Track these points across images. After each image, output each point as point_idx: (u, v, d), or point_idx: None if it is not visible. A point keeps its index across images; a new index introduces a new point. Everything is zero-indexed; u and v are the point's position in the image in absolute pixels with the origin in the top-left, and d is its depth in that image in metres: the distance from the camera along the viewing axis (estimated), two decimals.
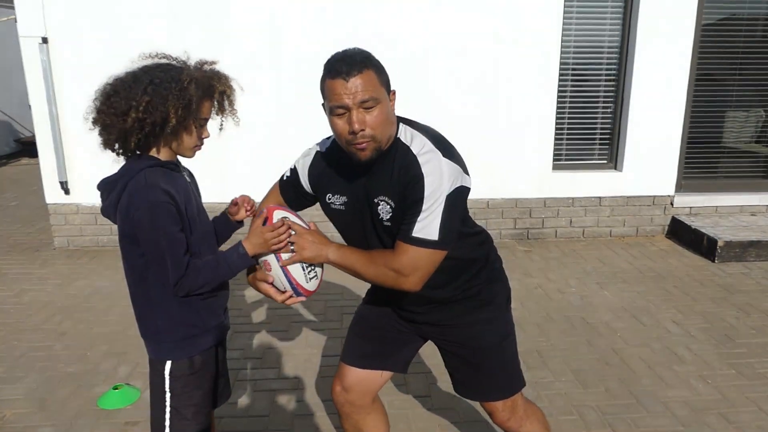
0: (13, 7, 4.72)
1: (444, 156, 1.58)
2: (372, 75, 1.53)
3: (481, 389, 1.90)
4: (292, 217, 1.76)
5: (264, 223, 1.72)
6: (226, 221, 1.91)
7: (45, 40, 4.64)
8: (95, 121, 1.60)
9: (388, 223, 1.66)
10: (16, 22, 4.71)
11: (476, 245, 1.85)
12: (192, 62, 1.67)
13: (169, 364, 1.69)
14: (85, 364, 3.19)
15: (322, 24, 4.75)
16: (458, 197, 1.59)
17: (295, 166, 1.91)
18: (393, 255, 1.61)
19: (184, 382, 1.70)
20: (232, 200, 1.93)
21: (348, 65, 1.51)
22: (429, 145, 1.61)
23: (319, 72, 1.63)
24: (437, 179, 1.56)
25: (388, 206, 1.65)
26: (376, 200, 1.67)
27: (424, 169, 1.57)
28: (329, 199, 1.80)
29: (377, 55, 1.63)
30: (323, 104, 1.63)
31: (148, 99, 1.52)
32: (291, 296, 1.75)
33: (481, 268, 1.85)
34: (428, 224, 1.56)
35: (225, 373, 1.94)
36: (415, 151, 1.61)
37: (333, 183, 1.78)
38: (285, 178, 1.94)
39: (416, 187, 1.56)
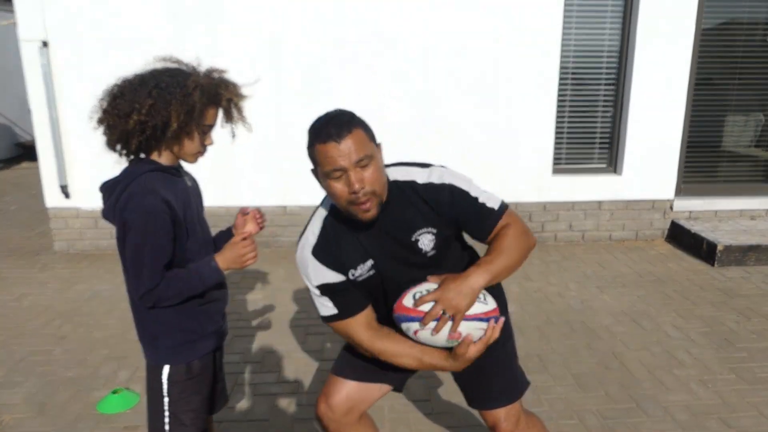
0: (13, 11, 4.73)
1: (440, 166, 1.71)
2: (361, 133, 1.53)
3: (490, 395, 1.86)
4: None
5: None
6: (228, 238, 1.87)
7: (45, 44, 4.65)
8: (100, 121, 1.61)
9: (433, 252, 1.66)
10: (16, 25, 4.72)
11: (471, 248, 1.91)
12: (202, 68, 1.67)
13: (167, 369, 1.69)
14: (84, 369, 3.18)
15: (322, 23, 4.75)
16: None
17: (320, 287, 1.69)
18: (512, 228, 1.67)
19: (182, 387, 1.70)
20: (241, 210, 1.86)
21: (337, 127, 1.50)
22: (418, 168, 1.70)
23: (320, 72, 1.63)
24: (458, 178, 1.68)
25: (431, 235, 1.66)
26: (413, 239, 1.65)
27: (445, 181, 1.66)
28: (353, 275, 1.68)
29: (376, 55, 1.64)
30: (314, 170, 1.59)
31: (151, 102, 1.53)
32: (493, 326, 1.59)
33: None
34: (489, 198, 1.69)
35: (222, 378, 1.94)
36: (420, 181, 1.67)
37: (350, 258, 1.68)
38: (339, 311, 1.70)
39: (455, 194, 1.65)
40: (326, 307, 1.68)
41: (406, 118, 4.97)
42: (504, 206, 1.70)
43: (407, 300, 1.57)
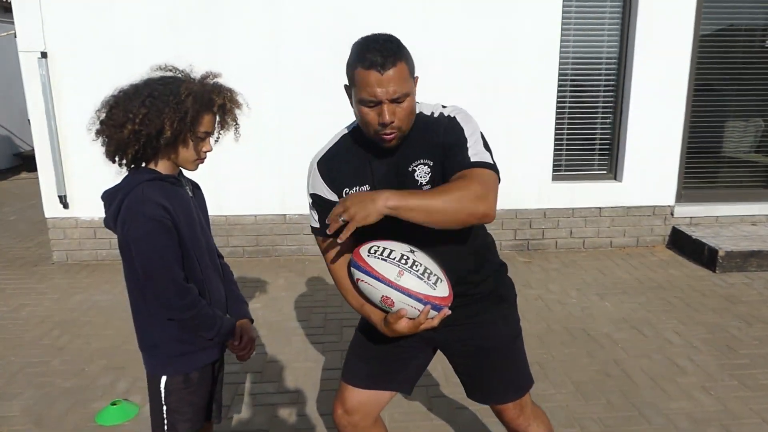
0: (12, 22, 4.75)
1: (459, 106, 1.69)
2: (404, 68, 1.51)
3: (497, 391, 1.86)
4: (368, 288, 1.58)
5: None
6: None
7: (44, 55, 4.66)
8: (98, 132, 1.61)
9: (428, 186, 1.62)
10: (15, 36, 4.74)
11: (486, 228, 1.88)
12: (197, 75, 1.67)
13: (164, 378, 1.69)
14: (82, 380, 3.16)
15: (321, 32, 4.76)
16: (485, 138, 1.65)
17: (313, 195, 1.74)
18: (466, 180, 1.51)
19: (179, 396, 1.70)
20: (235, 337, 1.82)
21: (383, 57, 1.47)
22: (436, 103, 1.71)
23: (318, 82, 1.64)
24: (465, 116, 1.64)
25: (427, 167, 1.62)
26: (410, 168, 1.63)
27: (449, 112, 1.64)
28: (347, 193, 1.68)
29: None
30: (348, 87, 1.60)
31: (145, 111, 1.54)
32: (428, 312, 1.53)
33: (495, 253, 1.89)
34: (479, 152, 1.59)
35: (220, 394, 1.91)
36: (428, 113, 1.67)
37: (348, 176, 1.69)
38: (320, 226, 1.72)
39: (453, 127, 1.61)
40: (313, 219, 1.75)
41: None
42: (483, 164, 1.56)
43: (363, 249, 1.57)
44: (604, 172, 5.42)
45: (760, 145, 5.59)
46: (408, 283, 1.51)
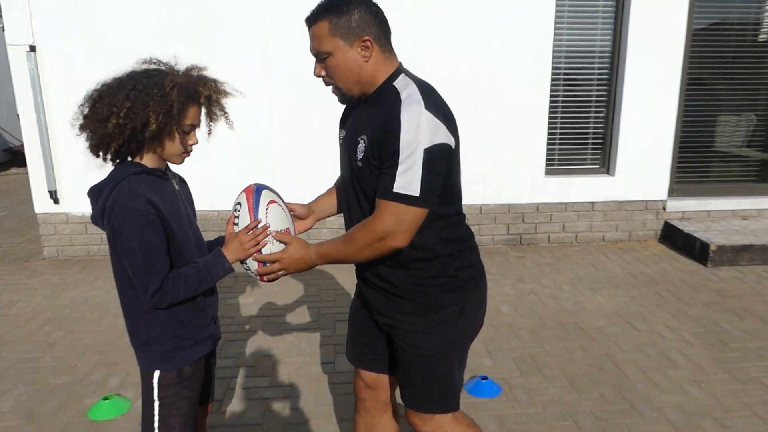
0: (0, 16, 4.69)
1: (426, 108, 1.51)
2: (323, 26, 1.55)
3: (403, 388, 1.83)
4: (280, 212, 1.74)
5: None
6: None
7: (33, 48, 4.61)
8: (82, 127, 1.59)
9: (359, 164, 1.64)
10: (3, 30, 4.68)
11: (444, 238, 1.69)
12: (181, 68, 1.65)
13: (157, 373, 1.68)
14: (74, 376, 3.14)
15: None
16: (438, 153, 1.51)
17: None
18: (374, 219, 1.55)
19: (172, 391, 1.69)
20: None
21: (310, 14, 1.58)
22: (416, 95, 1.55)
23: (308, 77, 1.66)
24: (413, 130, 1.48)
25: (363, 145, 1.63)
26: (357, 139, 1.66)
27: (402, 117, 1.50)
28: (339, 133, 1.83)
29: None
30: None
31: (129, 105, 1.52)
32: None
33: (439, 269, 1.69)
34: (408, 179, 1.49)
35: (213, 381, 1.94)
36: (402, 98, 1.56)
37: (344, 119, 1.83)
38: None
39: (392, 136, 1.50)
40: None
41: None
42: (402, 197, 1.49)
43: (262, 201, 1.72)
44: (597, 166, 5.43)
45: (751, 139, 5.62)
46: (244, 221, 1.71)
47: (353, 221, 1.74)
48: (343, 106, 1.83)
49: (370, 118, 1.63)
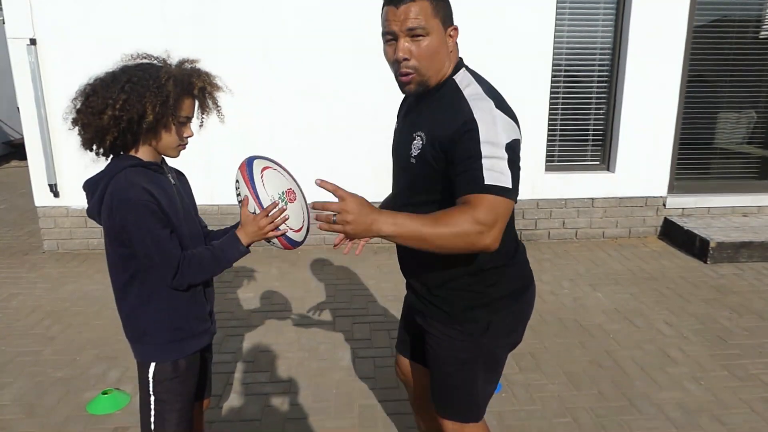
0: (0, 9, 4.68)
1: (496, 107, 1.49)
2: (425, 4, 1.48)
3: (431, 390, 1.82)
4: (277, 175, 1.71)
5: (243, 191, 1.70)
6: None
7: (33, 42, 4.59)
8: (74, 121, 1.60)
9: (413, 161, 1.59)
10: (3, 23, 4.66)
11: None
12: (174, 61, 1.65)
13: (153, 366, 1.69)
14: (74, 369, 3.15)
15: (314, 22, 4.73)
16: (517, 148, 1.48)
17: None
18: (470, 208, 1.40)
19: (168, 386, 1.70)
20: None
21: None
22: (481, 93, 1.52)
23: (309, 71, 1.63)
24: (491, 127, 1.44)
25: (420, 142, 1.57)
26: (413, 135, 1.60)
27: (476, 115, 1.46)
28: (396, 124, 1.80)
29: (367, 52, 1.62)
30: None
31: (125, 97, 1.53)
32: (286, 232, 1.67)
33: (468, 282, 1.66)
34: (498, 172, 1.41)
35: (209, 377, 1.95)
36: (466, 95, 1.52)
37: (401, 110, 1.81)
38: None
39: (469, 135, 1.44)
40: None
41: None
42: (496, 188, 1.40)
43: (255, 169, 1.69)
44: (597, 163, 5.43)
45: (752, 136, 5.61)
46: (250, 199, 1.67)
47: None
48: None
49: (430, 115, 1.57)
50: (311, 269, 4.62)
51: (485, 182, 1.40)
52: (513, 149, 1.45)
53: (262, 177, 1.67)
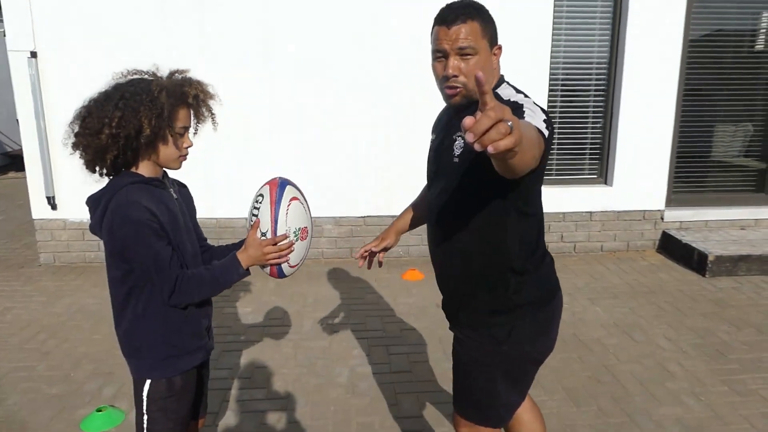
0: (1, 21, 4.69)
1: (531, 102, 1.61)
2: (475, 26, 1.57)
3: (454, 393, 1.85)
4: (301, 210, 1.72)
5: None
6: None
7: (34, 54, 4.61)
8: (75, 145, 1.61)
9: (456, 160, 1.64)
10: (4, 36, 4.68)
11: (522, 240, 1.67)
12: (163, 73, 1.66)
13: (148, 384, 1.68)
14: (68, 385, 3.12)
15: (315, 25, 4.75)
16: (552, 126, 1.55)
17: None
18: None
19: (162, 405, 1.69)
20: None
21: (453, 13, 1.57)
22: (522, 98, 1.64)
23: (310, 81, 1.63)
24: (532, 108, 1.55)
25: (461, 141, 1.64)
26: (454, 137, 1.66)
27: (518, 100, 1.60)
28: (431, 138, 1.85)
29: (367, 64, 1.63)
30: None
31: (120, 114, 1.53)
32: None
33: (493, 284, 1.70)
34: (536, 120, 1.49)
35: (205, 394, 1.93)
36: (504, 97, 1.63)
37: (438, 123, 1.85)
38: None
39: (510, 104, 1.55)
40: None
41: (392, 130, 4.96)
42: (536, 128, 1.41)
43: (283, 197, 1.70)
44: (595, 176, 5.43)
45: (748, 149, 5.63)
46: (264, 221, 1.67)
47: (441, 226, 1.75)
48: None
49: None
50: (309, 284, 4.61)
51: (524, 119, 1.47)
52: (549, 124, 1.52)
53: (288, 206, 1.69)
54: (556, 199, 5.27)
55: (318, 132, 4.93)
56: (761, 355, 3.43)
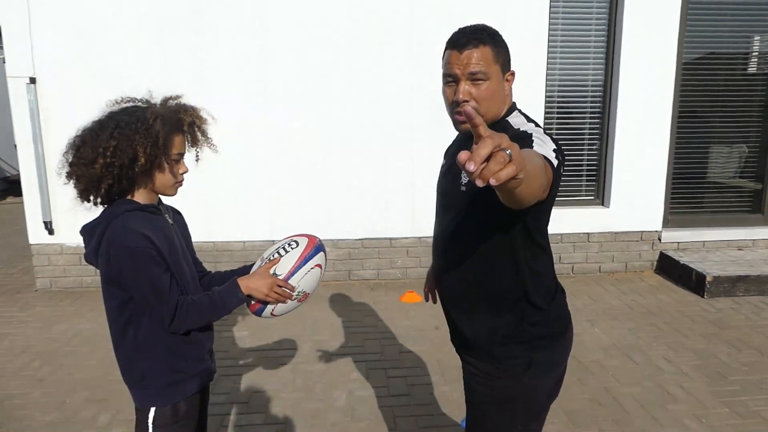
0: (1, 47, 4.74)
1: (541, 131, 1.55)
2: (487, 51, 1.54)
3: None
4: (316, 277, 1.77)
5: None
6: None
7: (33, 80, 4.64)
8: (68, 175, 1.60)
9: (463, 189, 1.60)
10: (4, 62, 4.72)
11: (533, 270, 1.61)
12: (157, 100, 1.67)
13: (153, 411, 1.66)
14: (63, 412, 3.08)
15: (307, 58, 4.80)
16: (563, 157, 1.49)
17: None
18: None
19: (168, 431, 1.65)
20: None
21: (465, 37, 1.54)
22: (533, 127, 1.58)
23: (306, 106, 1.64)
24: (542, 137, 1.49)
25: None
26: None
27: (528, 129, 1.54)
28: (443, 163, 1.82)
29: (362, 88, 1.64)
30: None
31: (114, 143, 1.53)
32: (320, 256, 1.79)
33: (509, 311, 1.63)
34: (545, 150, 1.42)
35: (205, 421, 1.90)
36: (515, 126, 1.58)
37: (449, 150, 1.83)
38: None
39: (520, 136, 1.49)
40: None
41: (390, 153, 4.99)
42: (544, 158, 1.36)
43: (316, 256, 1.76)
44: (592, 197, 5.46)
45: (744, 170, 5.67)
46: (285, 265, 1.71)
47: (450, 256, 1.69)
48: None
49: None
50: (307, 307, 4.58)
51: (533, 148, 1.40)
52: (559, 153, 1.47)
53: (311, 268, 1.74)
54: (553, 220, 5.21)
55: (315, 155, 4.95)
56: (762, 377, 3.41)
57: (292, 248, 1.74)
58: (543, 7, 4.93)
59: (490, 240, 1.59)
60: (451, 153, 1.79)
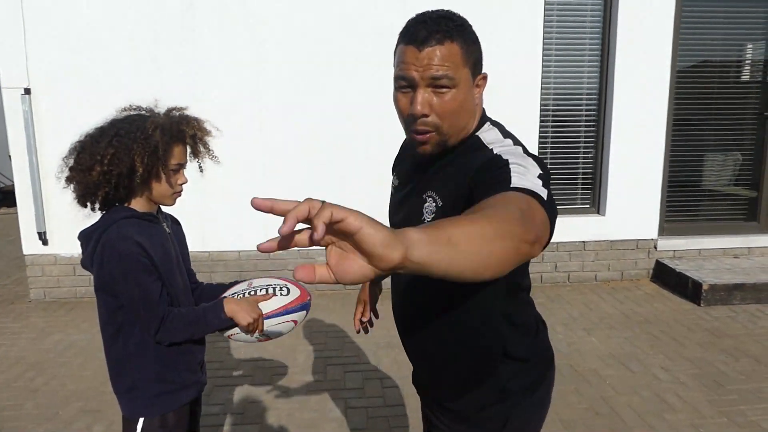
0: None
1: (528, 155, 1.22)
2: (455, 49, 1.17)
3: None
4: (286, 329, 1.78)
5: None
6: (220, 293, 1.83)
7: (27, 91, 4.64)
8: (68, 180, 1.61)
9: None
10: None
11: (513, 322, 1.38)
12: (161, 110, 1.67)
13: (141, 421, 1.64)
14: (56, 424, 3.04)
15: (301, 70, 4.81)
16: (549, 182, 1.15)
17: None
18: (499, 201, 0.98)
19: None
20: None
21: (426, 30, 1.16)
22: (512, 146, 1.26)
23: (301, 115, 1.62)
24: (522, 162, 1.15)
25: (434, 204, 1.26)
26: (424, 196, 1.29)
27: (501, 152, 1.20)
28: (393, 179, 1.52)
29: (359, 104, 1.62)
30: None
31: (112, 151, 1.54)
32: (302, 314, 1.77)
33: (480, 366, 1.40)
34: (526, 180, 1.08)
35: (197, 431, 1.88)
36: (486, 141, 1.27)
37: (401, 163, 1.51)
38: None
39: (494, 162, 1.16)
40: None
41: (384, 167, 4.99)
42: (526, 191, 1.05)
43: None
44: (587, 206, 5.46)
45: (738, 178, 5.69)
46: (269, 305, 1.70)
47: (411, 302, 1.44)
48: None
49: (445, 178, 1.28)
50: None
51: (511, 185, 1.06)
52: (546, 179, 1.14)
53: (286, 321, 1.76)
54: None
55: (309, 166, 4.95)
56: (760, 386, 3.40)
57: (282, 294, 1.74)
58: (537, 15, 4.96)
59: (461, 288, 1.29)
60: (405, 174, 1.45)
